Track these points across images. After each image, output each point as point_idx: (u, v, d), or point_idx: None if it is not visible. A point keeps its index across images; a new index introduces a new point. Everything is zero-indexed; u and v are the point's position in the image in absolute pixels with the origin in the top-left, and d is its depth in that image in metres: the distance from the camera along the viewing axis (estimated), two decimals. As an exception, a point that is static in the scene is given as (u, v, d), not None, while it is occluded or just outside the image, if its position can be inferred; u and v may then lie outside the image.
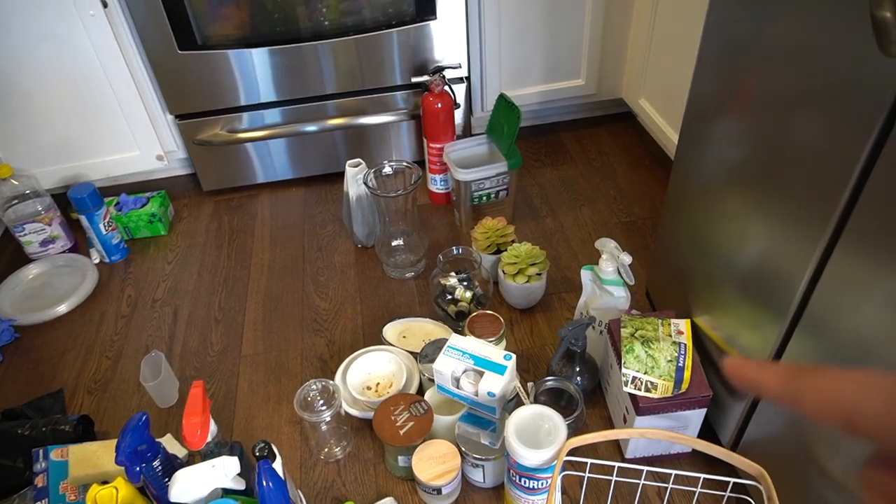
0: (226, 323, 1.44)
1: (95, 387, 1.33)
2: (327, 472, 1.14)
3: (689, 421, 1.03)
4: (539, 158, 1.85)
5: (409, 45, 1.63)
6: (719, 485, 1.02)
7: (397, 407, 1.07)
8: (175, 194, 1.85)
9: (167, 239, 1.70)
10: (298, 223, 1.72)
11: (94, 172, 1.72)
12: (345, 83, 1.67)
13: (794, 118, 0.74)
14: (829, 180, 0.69)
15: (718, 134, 0.94)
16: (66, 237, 1.64)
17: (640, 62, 1.67)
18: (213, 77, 1.60)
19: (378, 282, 1.51)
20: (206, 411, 0.96)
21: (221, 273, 1.58)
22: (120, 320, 1.48)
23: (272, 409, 1.25)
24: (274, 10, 1.52)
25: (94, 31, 1.49)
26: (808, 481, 0.83)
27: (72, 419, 1.16)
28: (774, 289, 0.83)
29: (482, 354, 1.03)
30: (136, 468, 0.88)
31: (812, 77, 0.70)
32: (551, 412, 0.93)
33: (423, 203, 1.73)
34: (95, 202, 1.53)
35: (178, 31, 1.51)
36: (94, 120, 1.63)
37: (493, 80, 1.73)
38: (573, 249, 1.54)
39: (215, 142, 1.71)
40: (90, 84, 1.57)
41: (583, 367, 1.14)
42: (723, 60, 0.90)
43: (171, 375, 1.27)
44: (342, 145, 1.78)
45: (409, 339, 1.31)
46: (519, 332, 1.35)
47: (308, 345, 1.37)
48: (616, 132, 1.93)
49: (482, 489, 1.08)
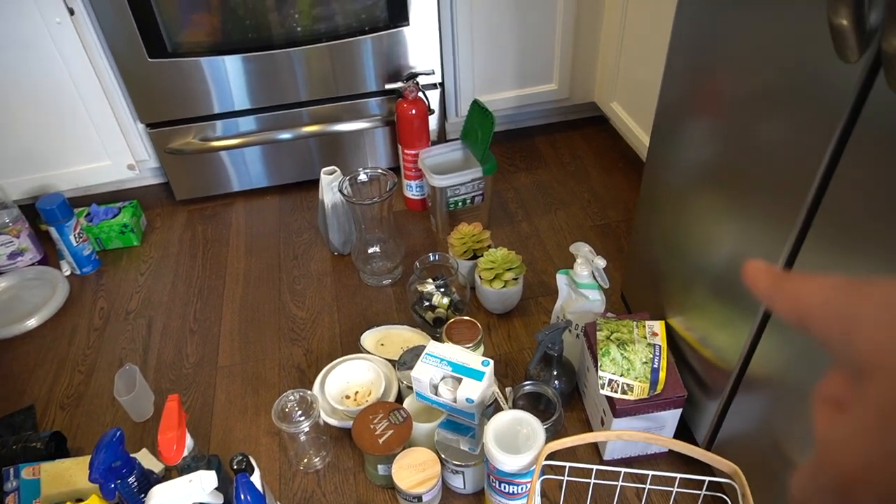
0: (201, 334, 1.42)
1: (68, 402, 1.30)
2: (307, 483, 1.13)
3: (665, 421, 1.04)
4: (514, 163, 1.87)
5: (382, 51, 1.63)
6: (696, 483, 1.03)
7: (376, 415, 1.06)
8: (148, 204, 1.83)
9: (140, 249, 1.68)
10: (274, 232, 1.71)
11: (64, 183, 1.69)
12: (319, 90, 1.66)
13: (760, 119, 0.76)
14: (795, 179, 0.71)
15: (688, 135, 0.96)
16: (35, 249, 1.61)
17: (612, 66, 1.70)
18: (185, 85, 1.58)
19: (355, 289, 1.50)
20: (182, 425, 0.94)
21: (196, 283, 1.56)
22: (92, 333, 1.45)
23: (250, 421, 1.23)
24: (246, 17, 1.51)
25: (61, 38, 1.46)
26: (780, 478, 0.85)
27: (43, 436, 1.14)
28: (744, 289, 0.85)
29: (460, 361, 1.03)
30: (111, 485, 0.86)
31: (776, 79, 0.72)
32: (529, 417, 0.93)
33: (399, 210, 1.73)
34: (65, 213, 1.50)
35: (147, 39, 1.49)
36: (62, 129, 1.60)
37: (467, 86, 1.74)
38: (549, 253, 1.56)
39: (188, 150, 1.69)
40: (58, 93, 1.54)
41: (560, 371, 1.15)
42: (690, 63, 0.92)
43: (145, 389, 1.25)
44: (317, 153, 1.77)
45: (387, 347, 1.31)
46: (497, 337, 1.35)
47: (285, 354, 1.36)
48: (590, 136, 1.95)
49: (463, 495, 1.09)
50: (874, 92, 0.58)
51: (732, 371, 0.91)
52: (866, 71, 0.58)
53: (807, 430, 0.77)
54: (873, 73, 0.58)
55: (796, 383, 0.78)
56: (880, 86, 0.57)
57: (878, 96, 0.57)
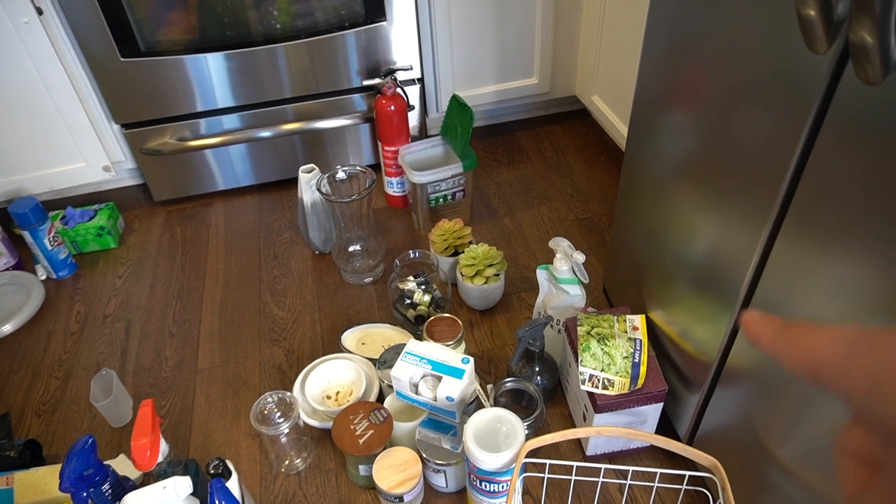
0: (180, 336, 1.40)
1: (44, 409, 1.28)
2: (288, 485, 1.11)
3: (647, 416, 1.04)
4: (496, 158, 1.85)
5: (361, 47, 1.61)
6: (677, 478, 1.03)
7: (356, 415, 1.05)
8: (125, 205, 1.80)
9: (117, 252, 1.65)
10: (254, 231, 1.69)
11: (37, 186, 1.66)
12: (299, 87, 1.64)
13: (734, 111, 0.75)
14: (769, 171, 0.70)
15: (664, 128, 0.95)
16: (8, 254, 1.58)
17: (592, 59, 1.69)
18: (159, 84, 1.55)
19: (336, 288, 1.49)
20: (156, 430, 0.93)
21: (175, 285, 1.54)
22: (69, 338, 1.43)
23: (230, 423, 1.22)
24: (223, 14, 1.48)
25: (30, 39, 1.43)
26: (760, 469, 0.85)
27: (18, 444, 1.12)
28: (722, 281, 0.84)
29: (440, 359, 1.02)
30: (83, 494, 0.85)
31: (748, 71, 0.71)
32: (509, 414, 0.93)
33: (380, 207, 1.72)
34: (38, 217, 1.48)
35: (119, 38, 1.46)
36: (34, 131, 1.57)
37: (447, 81, 1.73)
38: (531, 248, 1.55)
39: (164, 150, 1.66)
40: (28, 94, 1.51)
41: (542, 367, 1.15)
42: (665, 56, 0.91)
43: (123, 393, 1.24)
44: (298, 150, 1.75)
45: (368, 346, 1.30)
46: (479, 333, 1.35)
47: (266, 355, 1.34)
48: (571, 129, 1.95)
49: (445, 494, 1.08)
50: (843, 82, 0.57)
51: (712, 364, 0.91)
52: (835, 62, 0.57)
53: (785, 423, 0.77)
54: (842, 63, 0.57)
55: (774, 376, 0.78)
56: (849, 76, 0.56)
57: (847, 87, 0.57)
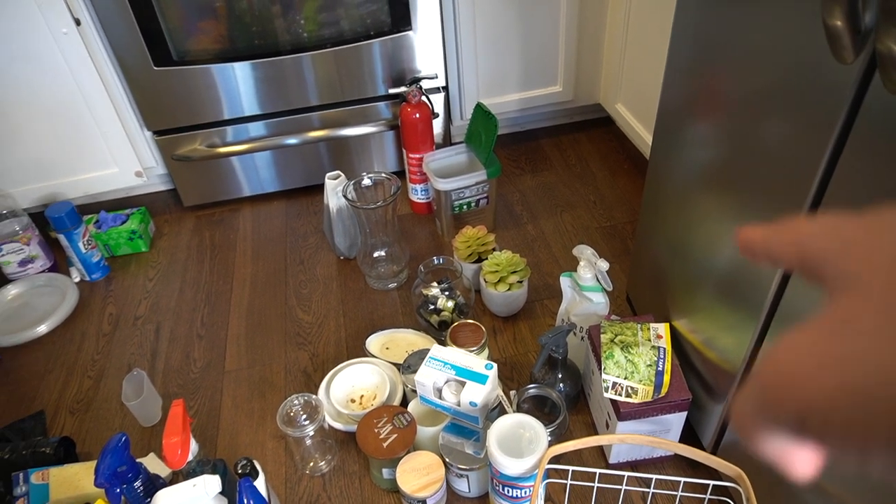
0: (208, 339, 1.43)
1: (77, 407, 1.31)
2: (312, 487, 1.13)
3: (671, 424, 1.04)
4: (519, 165, 1.86)
5: (387, 55, 1.63)
6: (701, 487, 1.02)
7: (380, 419, 1.07)
8: (155, 210, 1.84)
9: (148, 255, 1.69)
10: (280, 236, 1.72)
11: (73, 190, 1.71)
12: (325, 95, 1.67)
13: (760, 120, 0.76)
14: (795, 180, 0.70)
15: (689, 136, 0.95)
16: (45, 256, 1.63)
17: (616, 67, 1.69)
18: (190, 92, 1.59)
19: (361, 293, 1.51)
20: (187, 430, 0.95)
21: (203, 288, 1.57)
22: (101, 339, 1.46)
23: (256, 425, 1.24)
24: (252, 24, 1.52)
25: (68, 48, 1.48)
26: (785, 481, 0.84)
27: (53, 441, 1.15)
28: (747, 290, 0.84)
29: (463, 364, 1.03)
30: (117, 490, 0.87)
31: (775, 79, 0.71)
32: (532, 420, 0.93)
33: (405, 213, 1.74)
34: (74, 221, 1.52)
35: (152, 48, 1.50)
36: (70, 138, 1.62)
37: (471, 89, 1.74)
38: (554, 255, 1.55)
39: (194, 157, 1.70)
40: (66, 102, 1.56)
41: (565, 374, 1.15)
42: (690, 64, 0.91)
43: (153, 393, 1.27)
44: (324, 157, 1.78)
45: (392, 351, 1.31)
46: (502, 340, 1.35)
47: (291, 358, 1.37)
48: (595, 137, 1.95)
49: (468, 499, 1.09)
50: (871, 92, 0.57)
51: (737, 373, 0.90)
52: (862, 72, 0.57)
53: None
54: (869, 73, 0.57)
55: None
56: (877, 86, 0.56)
57: (875, 97, 0.57)
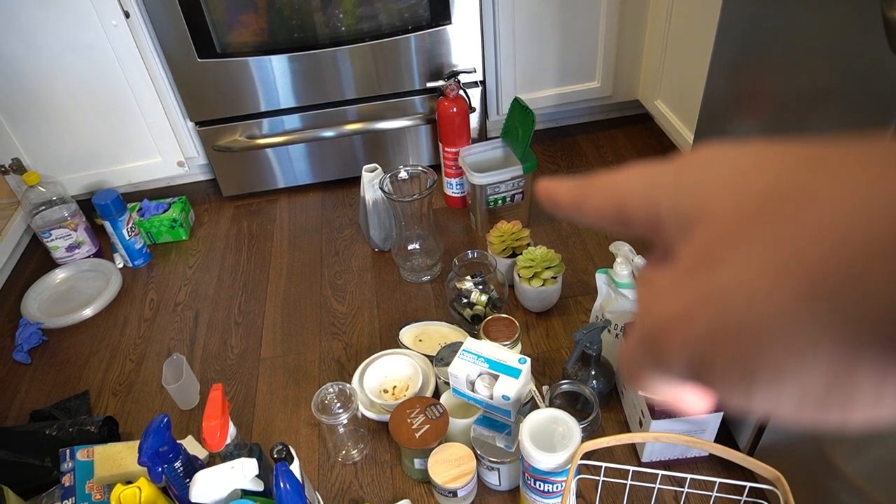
0: (245, 326, 1.46)
1: (120, 389, 1.36)
2: (345, 474, 1.15)
3: (706, 425, 1.02)
4: (555, 161, 1.85)
5: (424, 50, 1.64)
6: (736, 489, 1.01)
7: (413, 410, 1.07)
8: (196, 199, 1.88)
9: (188, 243, 1.73)
10: (316, 227, 1.74)
11: (118, 179, 1.76)
12: (362, 88, 1.69)
13: (808, 118, 0.74)
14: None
15: (733, 134, 0.94)
16: (91, 242, 1.68)
17: (656, 63, 1.67)
18: (232, 84, 1.62)
19: (395, 286, 1.52)
20: (226, 413, 0.97)
21: (241, 277, 1.60)
22: (143, 324, 1.51)
23: (291, 412, 1.26)
24: (291, 17, 1.54)
25: (117, 40, 1.52)
26: (825, 485, 0.83)
27: (97, 420, 1.19)
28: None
29: (497, 358, 1.03)
30: (159, 469, 0.90)
31: (825, 76, 0.69)
32: (565, 415, 0.93)
33: (439, 207, 1.74)
34: (119, 208, 1.57)
35: (197, 40, 1.54)
36: (117, 127, 1.67)
37: (509, 84, 1.74)
38: (589, 252, 1.54)
39: (234, 148, 1.73)
40: (114, 92, 1.61)
41: (598, 371, 1.14)
42: (736, 60, 0.90)
43: (192, 378, 1.30)
44: (360, 150, 1.80)
45: (425, 343, 1.32)
46: (535, 335, 1.35)
47: (326, 348, 1.39)
48: (632, 134, 1.93)
49: (498, 492, 1.09)
50: (929, 88, 0.55)
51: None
52: (921, 66, 0.56)
53: (856, 439, 0.75)
54: (929, 68, 0.56)
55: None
56: (936, 81, 0.55)
57: (934, 92, 0.55)
